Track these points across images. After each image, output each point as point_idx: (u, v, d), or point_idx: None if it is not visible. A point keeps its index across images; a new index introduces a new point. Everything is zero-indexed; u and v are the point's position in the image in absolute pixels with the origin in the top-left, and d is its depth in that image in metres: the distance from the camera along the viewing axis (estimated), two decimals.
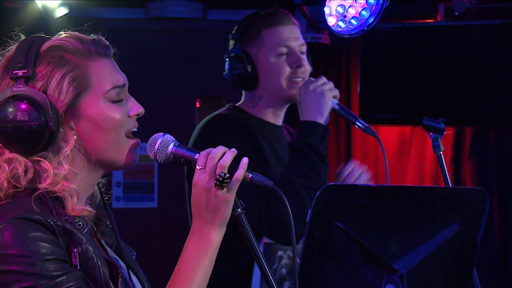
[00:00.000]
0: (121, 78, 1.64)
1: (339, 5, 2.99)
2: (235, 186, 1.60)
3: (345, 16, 3.03)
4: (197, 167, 1.60)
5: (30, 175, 1.56)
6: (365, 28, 3.03)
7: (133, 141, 1.65)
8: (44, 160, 1.57)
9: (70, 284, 1.48)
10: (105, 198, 1.74)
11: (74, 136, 1.59)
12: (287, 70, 2.64)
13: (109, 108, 1.61)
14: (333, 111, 2.63)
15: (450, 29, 4.30)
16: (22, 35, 1.65)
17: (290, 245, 2.49)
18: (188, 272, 1.59)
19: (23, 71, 1.56)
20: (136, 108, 1.66)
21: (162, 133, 1.67)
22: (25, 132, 1.54)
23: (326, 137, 2.59)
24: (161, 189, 4.88)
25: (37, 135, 1.55)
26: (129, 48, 2.81)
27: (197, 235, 1.62)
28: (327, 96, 2.59)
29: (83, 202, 1.62)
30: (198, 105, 4.60)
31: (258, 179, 1.61)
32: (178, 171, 2.96)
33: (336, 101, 2.62)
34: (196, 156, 1.63)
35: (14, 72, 1.57)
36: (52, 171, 1.55)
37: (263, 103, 2.67)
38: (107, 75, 1.62)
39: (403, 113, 4.42)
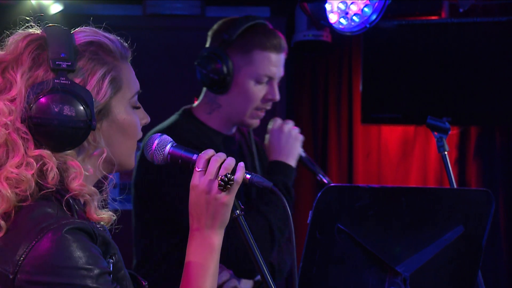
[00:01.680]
0: (139, 85, 1.63)
1: (340, 2, 2.97)
2: (235, 188, 1.58)
3: (347, 13, 3.01)
4: (196, 169, 1.59)
5: (58, 173, 1.48)
6: (368, 26, 3.00)
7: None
8: (72, 158, 1.50)
9: None
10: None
11: (104, 139, 1.55)
12: (259, 99, 2.62)
13: (133, 114, 1.59)
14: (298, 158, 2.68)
15: (455, 26, 4.27)
16: (18, 31, 1.60)
17: (252, 278, 2.53)
18: (198, 280, 1.58)
19: (67, 63, 1.49)
20: (146, 117, 1.64)
21: (159, 134, 1.65)
22: (70, 128, 1.47)
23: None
24: None
25: (80, 132, 1.48)
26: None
27: (199, 241, 1.60)
28: (299, 140, 2.67)
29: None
30: None
31: (257, 180, 1.60)
32: None
33: (301, 149, 2.69)
34: (194, 157, 1.62)
35: (57, 63, 1.49)
36: (82, 171, 1.49)
37: (220, 113, 2.64)
38: (133, 80, 1.61)
39: (406, 112, 4.40)
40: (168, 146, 1.63)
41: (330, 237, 1.83)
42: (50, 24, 1.58)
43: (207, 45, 2.66)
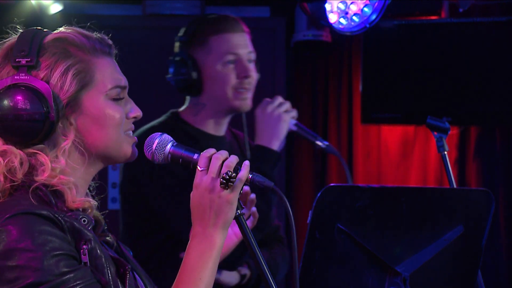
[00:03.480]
0: (123, 79, 1.64)
1: (340, 2, 2.97)
2: (239, 187, 1.57)
3: (346, 13, 3.01)
4: (198, 168, 1.58)
5: (25, 167, 1.53)
6: (368, 25, 3.01)
7: (131, 138, 1.65)
8: (41, 153, 1.54)
9: (77, 282, 1.45)
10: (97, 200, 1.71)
11: (74, 131, 1.57)
12: (234, 79, 2.60)
13: (110, 106, 1.60)
14: (291, 132, 2.64)
15: (455, 26, 4.27)
16: (18, 30, 1.63)
17: (232, 269, 2.53)
18: (194, 274, 1.57)
19: (27, 59, 1.54)
20: (135, 110, 1.65)
21: (159, 133, 1.65)
22: (25, 121, 1.51)
23: (278, 163, 2.60)
24: None
25: (37, 125, 1.52)
26: (125, 46, 2.75)
27: (199, 238, 1.59)
28: (284, 119, 2.59)
29: (82, 197, 1.60)
30: None
31: (258, 180, 1.59)
32: None
33: (294, 121, 2.63)
34: (195, 156, 1.61)
35: (16, 60, 1.54)
36: (49, 164, 1.53)
37: (206, 112, 2.63)
38: (110, 73, 1.62)
39: (406, 112, 4.39)
40: (169, 146, 1.62)
41: (330, 237, 1.83)
42: (37, 27, 1.62)
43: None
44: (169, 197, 2.49)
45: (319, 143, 2.62)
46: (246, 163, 1.59)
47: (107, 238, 1.66)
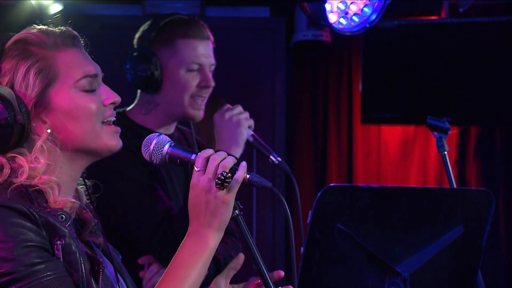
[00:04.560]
0: (92, 68, 1.63)
1: (340, 2, 2.97)
2: (235, 187, 1.57)
3: (346, 13, 3.01)
4: (195, 168, 1.58)
5: (7, 171, 1.54)
6: (367, 25, 3.01)
7: (111, 127, 1.64)
8: (19, 156, 1.55)
9: (48, 273, 1.46)
10: (92, 198, 1.72)
11: (48, 130, 1.57)
12: (193, 87, 2.59)
13: (81, 97, 1.60)
14: (246, 143, 2.60)
15: (455, 26, 4.27)
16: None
17: None
18: (181, 272, 1.56)
19: None
20: (111, 96, 1.64)
21: (157, 134, 1.65)
22: None
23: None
24: None
25: (7, 130, 1.53)
26: (125, 46, 2.77)
27: (194, 238, 1.58)
28: (243, 125, 2.57)
29: (67, 196, 1.60)
30: None
31: (256, 180, 1.59)
32: None
33: (251, 132, 2.61)
34: (193, 157, 1.61)
35: None
36: (27, 166, 1.54)
37: (158, 112, 2.62)
38: (77, 65, 1.61)
39: (406, 112, 4.39)
40: (167, 146, 1.62)
41: (330, 237, 1.82)
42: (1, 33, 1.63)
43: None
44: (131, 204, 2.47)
45: (272, 158, 2.60)
46: (243, 163, 1.58)
47: (95, 239, 1.67)
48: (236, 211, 1.60)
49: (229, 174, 1.55)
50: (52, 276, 1.46)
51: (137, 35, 2.66)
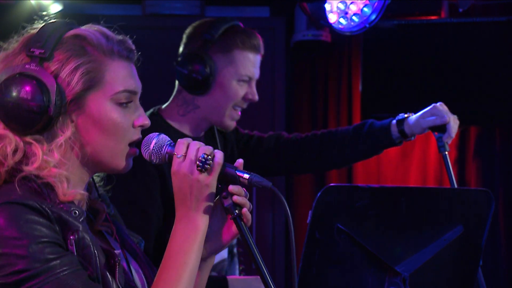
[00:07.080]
0: (134, 84, 1.63)
1: (340, 2, 2.97)
2: (216, 170, 1.57)
3: (346, 13, 3.01)
4: (176, 155, 1.58)
5: (19, 155, 1.55)
6: (367, 25, 3.01)
7: (132, 150, 1.64)
8: (36, 144, 1.55)
9: (64, 268, 1.46)
10: (104, 189, 1.74)
11: (73, 129, 1.58)
12: (240, 98, 2.60)
13: (114, 110, 1.60)
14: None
15: (454, 26, 4.27)
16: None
17: None
18: (179, 258, 1.57)
19: (40, 51, 1.55)
20: (142, 119, 1.64)
21: (157, 133, 1.64)
22: (24, 111, 1.53)
23: None
24: None
25: (34, 117, 1.53)
26: None
27: (184, 222, 1.59)
28: None
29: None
30: None
31: (256, 180, 1.58)
32: None
33: None
34: None
35: (31, 50, 1.56)
36: (41, 156, 1.54)
37: (196, 114, 2.61)
38: (122, 77, 1.61)
39: (406, 112, 4.38)
40: (166, 146, 1.62)
41: (329, 237, 1.82)
42: (54, 20, 1.63)
43: (183, 46, 2.64)
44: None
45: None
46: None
47: (107, 227, 1.67)
48: (236, 211, 1.59)
49: (209, 157, 1.56)
50: (68, 270, 1.46)
51: (191, 31, 2.64)
